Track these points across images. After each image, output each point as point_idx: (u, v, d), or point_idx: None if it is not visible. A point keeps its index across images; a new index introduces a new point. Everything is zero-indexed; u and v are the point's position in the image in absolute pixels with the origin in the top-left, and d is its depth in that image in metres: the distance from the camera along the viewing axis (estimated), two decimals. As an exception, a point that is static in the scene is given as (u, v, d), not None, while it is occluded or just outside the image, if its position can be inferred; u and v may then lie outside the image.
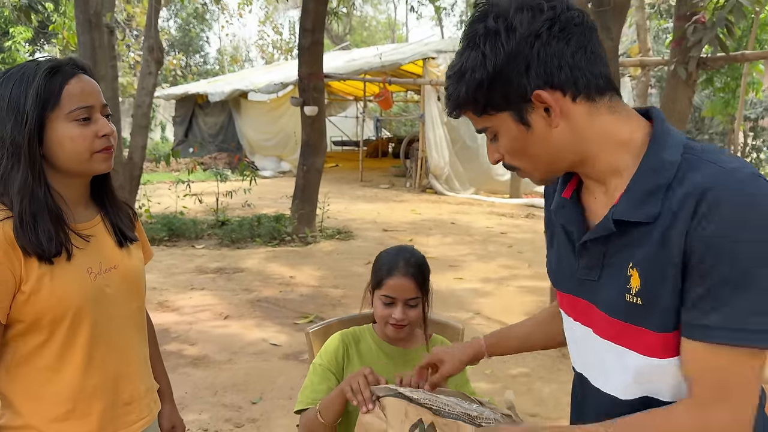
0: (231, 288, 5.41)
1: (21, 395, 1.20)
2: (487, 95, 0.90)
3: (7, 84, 1.18)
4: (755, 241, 0.78)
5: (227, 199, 7.95)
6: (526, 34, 0.86)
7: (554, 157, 0.93)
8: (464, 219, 9.19)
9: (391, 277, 1.57)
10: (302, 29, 7.27)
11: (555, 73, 0.87)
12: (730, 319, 0.80)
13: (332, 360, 1.63)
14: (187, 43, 29.33)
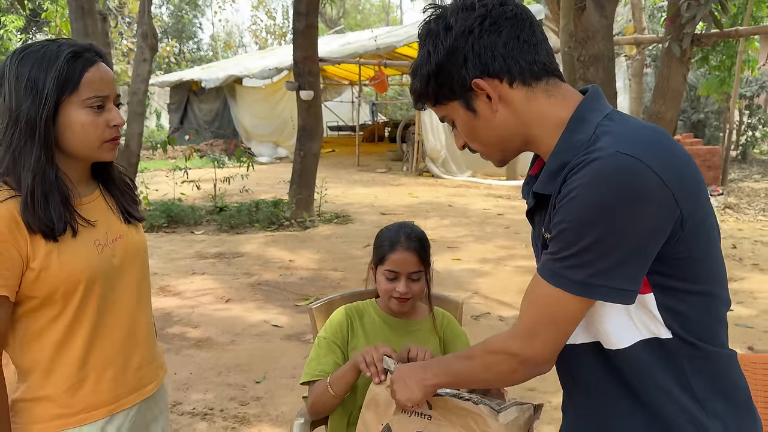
0: (231, 272, 5.46)
1: (35, 368, 1.24)
2: (435, 88, 1.01)
3: (25, 62, 1.18)
4: (595, 205, 0.87)
5: (225, 185, 7.97)
6: (460, 31, 0.96)
7: (501, 139, 1.02)
8: (461, 201, 9.24)
9: (394, 252, 1.61)
10: (296, 13, 7.25)
11: (489, 63, 0.96)
12: (557, 263, 0.91)
13: (337, 333, 1.67)
14: (180, 29, 29.11)
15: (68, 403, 1.25)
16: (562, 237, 0.91)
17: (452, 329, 1.76)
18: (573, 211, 0.89)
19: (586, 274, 0.89)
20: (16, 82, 1.18)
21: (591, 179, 0.87)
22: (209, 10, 31.64)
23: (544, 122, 0.99)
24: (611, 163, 0.86)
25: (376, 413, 1.31)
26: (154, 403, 1.43)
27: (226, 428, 2.83)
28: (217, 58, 28.66)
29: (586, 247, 0.88)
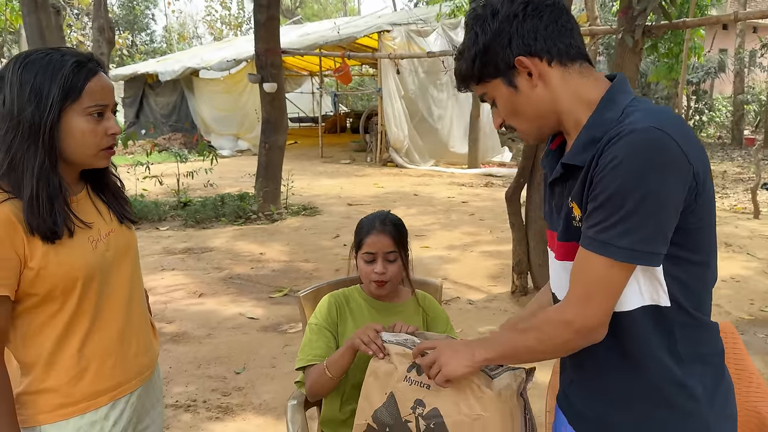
0: (201, 267, 5.46)
1: (37, 362, 1.29)
2: (480, 66, 1.11)
3: (29, 69, 1.22)
4: (633, 174, 0.96)
5: (188, 179, 7.89)
6: (506, 15, 1.07)
7: (539, 115, 1.12)
8: (426, 190, 9.39)
9: (370, 235, 1.73)
10: (257, 5, 7.21)
11: (531, 43, 1.07)
12: (602, 233, 0.99)
13: (327, 318, 1.76)
14: (132, 21, 28.31)
15: (71, 393, 1.30)
16: (607, 206, 0.98)
17: (433, 309, 1.87)
18: (614, 180, 0.96)
19: (631, 240, 0.97)
20: (19, 88, 1.21)
21: (628, 150, 0.96)
22: (162, 1, 30.83)
23: (576, 100, 1.10)
24: (645, 134, 0.96)
25: (377, 385, 1.40)
26: (152, 389, 1.50)
27: (210, 418, 2.89)
28: (172, 50, 28.03)
29: (629, 214, 0.96)
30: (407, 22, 12.53)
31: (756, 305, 4.42)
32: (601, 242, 0.99)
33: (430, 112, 12.58)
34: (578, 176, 1.06)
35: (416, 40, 12.30)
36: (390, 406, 1.36)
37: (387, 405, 1.36)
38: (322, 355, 1.68)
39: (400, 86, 11.95)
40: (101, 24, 7.18)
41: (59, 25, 7.01)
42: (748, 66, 20.01)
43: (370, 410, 1.38)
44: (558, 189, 1.15)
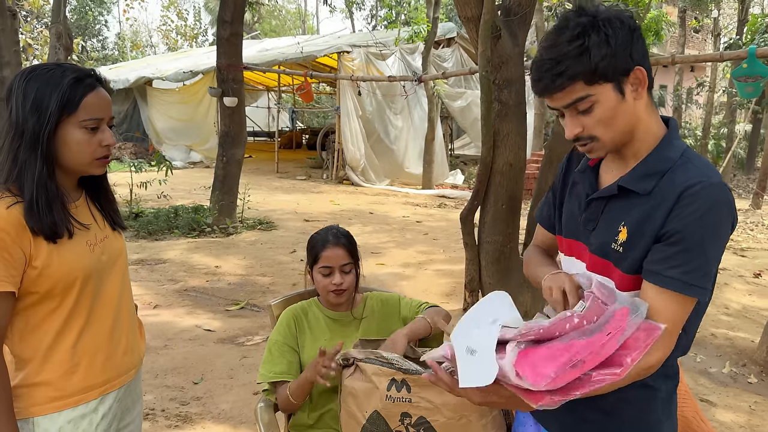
0: (155, 279, 5.42)
1: (33, 356, 1.36)
2: (605, 66, 1.12)
3: (32, 82, 1.31)
4: (714, 225, 1.10)
5: (140, 190, 7.79)
6: (630, 27, 1.14)
7: (627, 129, 1.17)
8: (381, 209, 9.56)
9: (325, 249, 1.86)
10: (221, 21, 7.28)
11: (642, 59, 1.15)
12: (687, 275, 1.10)
13: (286, 333, 1.87)
14: (84, 26, 27.63)
15: (64, 386, 1.38)
16: (692, 250, 1.09)
17: (385, 302, 2.00)
18: (699, 229, 1.08)
19: (708, 281, 1.11)
20: (23, 99, 1.31)
21: (710, 203, 1.09)
22: (116, 8, 30.26)
23: (647, 127, 1.19)
24: (721, 190, 1.10)
25: (357, 404, 1.48)
26: (134, 387, 1.59)
27: (169, 426, 2.92)
28: (125, 58, 27.46)
29: (709, 260, 1.10)
30: (367, 44, 12.79)
31: (687, 326, 4.75)
32: (686, 283, 1.09)
33: (386, 133, 12.84)
34: (631, 201, 1.17)
35: (375, 63, 12.57)
36: (377, 422, 1.44)
37: (373, 421, 1.44)
38: (283, 371, 1.79)
39: (358, 106, 12.16)
40: (59, 30, 7.07)
41: (14, 29, 6.88)
42: (686, 102, 21.28)
43: (358, 426, 1.46)
44: (597, 205, 1.24)
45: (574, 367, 0.99)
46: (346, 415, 1.50)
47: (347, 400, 1.49)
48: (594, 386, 1.01)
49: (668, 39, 21.17)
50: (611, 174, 1.26)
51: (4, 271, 1.26)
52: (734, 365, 3.97)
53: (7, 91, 1.35)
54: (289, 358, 1.82)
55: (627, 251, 1.16)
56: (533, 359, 1.01)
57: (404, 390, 1.39)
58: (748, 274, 6.34)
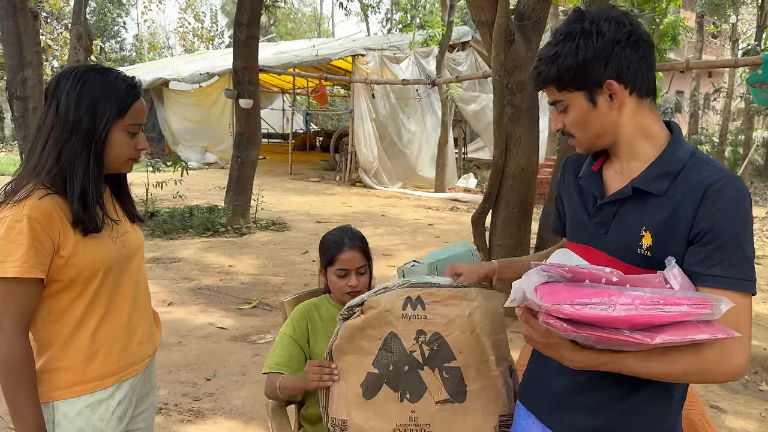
0: (170, 277, 5.50)
1: (54, 343, 1.42)
2: (571, 77, 1.18)
3: (87, 85, 1.39)
4: (743, 217, 1.10)
5: (156, 190, 7.90)
6: (611, 39, 1.15)
7: (602, 133, 1.22)
8: (393, 212, 9.60)
9: (342, 252, 1.88)
10: (238, 23, 7.37)
11: (624, 71, 1.16)
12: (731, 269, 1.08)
13: (296, 329, 1.90)
14: (103, 27, 28.01)
15: (83, 372, 1.44)
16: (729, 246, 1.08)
17: None
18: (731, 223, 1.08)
19: (753, 273, 1.10)
20: (76, 100, 1.39)
21: (736, 196, 1.10)
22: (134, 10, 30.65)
23: (640, 132, 1.20)
24: (741, 184, 1.11)
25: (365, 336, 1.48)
26: (149, 376, 1.66)
27: (182, 421, 2.97)
28: (142, 59, 27.80)
29: (748, 252, 1.09)
30: (381, 48, 12.86)
31: (699, 332, 4.73)
32: (734, 279, 1.08)
33: (399, 136, 12.88)
34: (647, 203, 1.17)
35: (389, 66, 12.63)
36: (391, 347, 1.45)
37: (386, 347, 1.45)
38: (284, 364, 1.82)
39: (371, 109, 12.22)
40: (79, 31, 7.20)
41: (36, 30, 7.01)
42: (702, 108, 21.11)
43: (368, 361, 1.47)
44: (609, 208, 1.23)
45: (600, 306, 0.96)
46: (352, 355, 1.49)
47: (354, 338, 1.48)
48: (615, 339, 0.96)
49: (685, 44, 21.03)
50: (616, 177, 1.27)
51: (35, 259, 1.32)
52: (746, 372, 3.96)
53: (51, 89, 1.42)
54: (293, 351, 1.85)
55: (657, 255, 1.13)
56: (556, 288, 1.02)
57: (419, 307, 1.40)
58: (763, 282, 6.28)
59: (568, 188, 1.39)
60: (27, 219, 1.31)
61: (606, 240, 1.23)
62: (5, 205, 1.34)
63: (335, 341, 1.53)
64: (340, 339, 1.52)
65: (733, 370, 1.07)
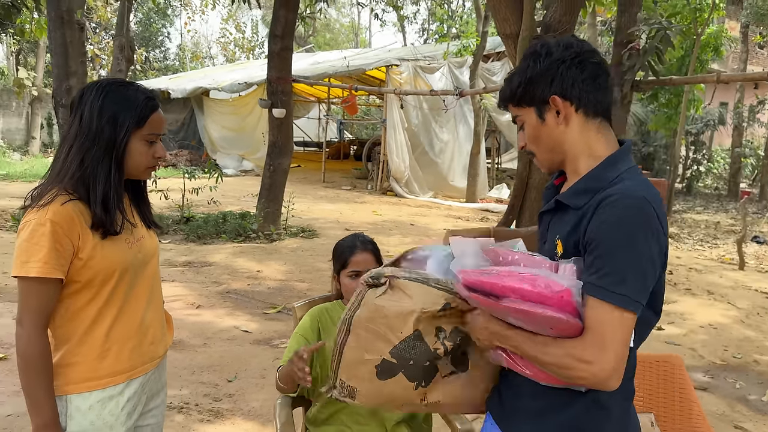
0: (200, 280, 5.66)
1: (71, 339, 1.51)
2: (522, 92, 1.28)
3: (108, 97, 1.50)
4: (629, 233, 1.11)
5: (192, 196, 8.13)
6: (556, 58, 1.25)
7: (553, 149, 1.29)
8: (423, 221, 9.62)
9: (354, 255, 1.95)
10: (273, 35, 7.56)
11: (568, 88, 1.24)
12: (600, 279, 1.11)
13: (306, 327, 1.97)
14: (148, 38, 28.95)
15: (96, 368, 1.53)
16: (605, 258, 1.11)
17: None
18: (610, 237, 1.11)
19: (625, 289, 1.09)
20: (99, 111, 1.49)
21: (623, 213, 1.12)
22: (178, 20, 31.60)
23: (584, 150, 1.26)
24: (637, 202, 1.13)
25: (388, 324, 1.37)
26: (159, 375, 1.74)
27: (201, 420, 3.07)
28: (185, 69, 28.61)
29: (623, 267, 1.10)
30: (415, 58, 12.94)
31: (729, 352, 4.61)
32: (604, 288, 1.10)
33: (431, 146, 12.92)
34: (566, 215, 1.23)
35: (423, 76, 12.71)
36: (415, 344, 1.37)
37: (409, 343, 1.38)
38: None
39: (404, 118, 12.31)
40: (122, 42, 7.51)
41: (82, 41, 7.33)
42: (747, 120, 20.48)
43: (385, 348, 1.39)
44: (546, 219, 1.34)
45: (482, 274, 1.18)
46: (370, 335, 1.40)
47: (376, 319, 1.38)
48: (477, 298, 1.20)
49: (729, 54, 20.47)
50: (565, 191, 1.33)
51: (55, 261, 1.41)
52: (775, 393, 3.84)
53: (76, 101, 1.53)
54: None
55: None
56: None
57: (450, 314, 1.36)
58: (801, 301, 6.07)
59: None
60: (50, 223, 1.41)
61: (543, 249, 1.32)
62: (31, 209, 1.45)
63: (358, 309, 1.42)
64: (363, 309, 1.41)
65: (596, 376, 1.10)
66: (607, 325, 1.10)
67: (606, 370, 1.09)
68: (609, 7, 8.42)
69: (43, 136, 19.45)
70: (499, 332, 1.22)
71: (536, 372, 1.21)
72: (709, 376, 4.12)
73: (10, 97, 19.16)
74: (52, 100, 7.15)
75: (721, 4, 10.84)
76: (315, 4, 11.54)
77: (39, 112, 18.85)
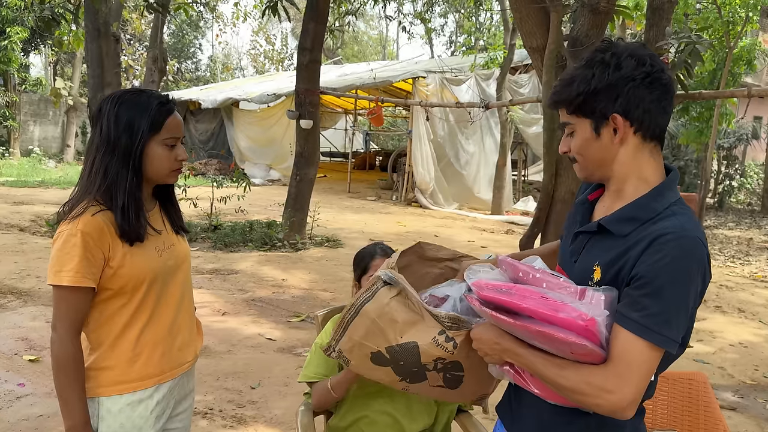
0: (227, 288, 5.74)
1: (104, 343, 1.57)
2: (581, 103, 1.21)
3: (123, 106, 1.54)
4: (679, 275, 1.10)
5: (221, 204, 8.26)
6: (626, 75, 1.18)
7: (600, 164, 1.25)
8: (447, 232, 9.61)
9: (374, 260, 2.00)
10: (301, 48, 7.68)
11: (632, 109, 1.18)
12: (647, 319, 1.09)
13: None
14: (180, 49, 29.63)
15: (126, 372, 1.58)
16: (655, 297, 1.09)
17: None
18: (664, 276, 1.09)
19: (670, 330, 1.09)
20: (115, 120, 1.54)
21: (679, 253, 1.10)
22: (209, 32, 32.27)
23: (635, 172, 1.22)
24: (692, 243, 1.11)
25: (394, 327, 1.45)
26: (188, 380, 1.77)
27: (225, 426, 3.11)
28: (215, 80, 29.16)
29: (673, 309, 1.09)
30: (441, 70, 12.99)
31: (760, 371, 4.50)
32: (646, 327, 1.08)
33: (457, 157, 12.92)
34: (606, 240, 1.20)
35: (449, 88, 12.74)
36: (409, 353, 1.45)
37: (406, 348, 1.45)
38: (323, 373, 1.92)
39: (429, 130, 12.34)
40: (155, 54, 7.73)
41: (117, 53, 7.57)
42: (782, 135, 19.99)
43: (384, 343, 1.46)
44: (582, 239, 1.28)
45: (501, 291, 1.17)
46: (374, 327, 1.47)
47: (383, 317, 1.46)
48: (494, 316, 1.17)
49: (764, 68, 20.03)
50: (602, 209, 1.30)
51: (87, 270, 1.47)
52: (808, 416, 3.73)
53: (95, 112, 1.59)
54: (327, 362, 1.94)
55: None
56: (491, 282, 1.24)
57: (451, 344, 1.40)
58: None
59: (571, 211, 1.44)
60: (81, 234, 1.46)
61: (574, 268, 1.27)
62: (64, 220, 1.51)
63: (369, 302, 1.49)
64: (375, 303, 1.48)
65: (614, 405, 1.09)
66: (638, 359, 1.09)
67: (625, 400, 1.09)
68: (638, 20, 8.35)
69: (77, 144, 20.00)
70: (512, 350, 1.19)
71: (546, 392, 1.20)
72: (738, 395, 4.03)
73: (47, 106, 19.78)
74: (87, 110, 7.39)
75: (755, 17, 10.63)
76: (344, 17, 11.69)
77: (74, 120, 19.42)
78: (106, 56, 7.31)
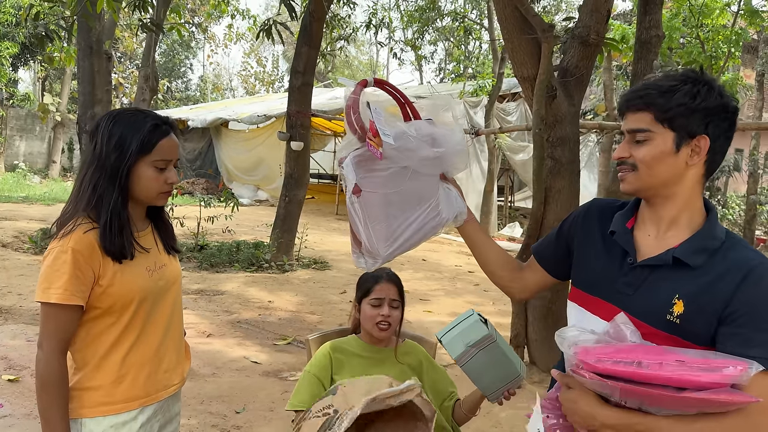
0: (212, 309, 5.67)
1: (88, 363, 1.54)
2: (675, 115, 1.20)
3: (117, 124, 1.53)
4: None
5: (208, 224, 8.21)
6: (724, 104, 1.21)
7: (666, 182, 1.24)
8: (434, 257, 9.61)
9: (378, 284, 2.00)
10: (294, 71, 7.74)
11: (716, 137, 1.21)
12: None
13: (320, 366, 1.98)
14: (171, 68, 29.69)
15: (111, 393, 1.55)
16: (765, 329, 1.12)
17: (416, 355, 2.08)
18: None
19: None
20: (108, 138, 1.53)
21: None
22: (201, 52, 32.41)
23: (690, 199, 1.25)
24: None
25: None
26: (173, 403, 1.74)
27: (209, 451, 3.05)
28: (205, 99, 29.21)
29: None
30: (431, 96, 13.13)
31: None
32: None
33: (444, 182, 13.00)
34: (680, 271, 1.21)
35: (438, 114, 12.85)
36: None
37: None
38: (307, 401, 1.89)
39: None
40: (147, 73, 7.73)
41: (108, 70, 7.57)
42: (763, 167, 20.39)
43: None
44: (641, 271, 1.25)
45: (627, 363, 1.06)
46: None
47: None
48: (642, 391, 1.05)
49: (744, 102, 20.51)
50: (648, 238, 1.29)
51: (76, 287, 1.45)
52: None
53: (93, 128, 1.58)
54: (315, 390, 1.92)
55: (685, 323, 1.17)
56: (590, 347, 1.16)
57: None
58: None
59: (591, 236, 1.39)
60: (71, 251, 1.45)
61: (632, 301, 1.24)
62: (55, 237, 1.49)
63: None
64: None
65: None
66: None
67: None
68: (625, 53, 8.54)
69: (63, 161, 19.84)
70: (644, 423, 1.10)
71: None
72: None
73: (34, 122, 19.66)
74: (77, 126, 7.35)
75: (737, 53, 10.92)
76: (336, 41, 11.81)
77: (61, 137, 19.30)
78: (97, 73, 7.31)
